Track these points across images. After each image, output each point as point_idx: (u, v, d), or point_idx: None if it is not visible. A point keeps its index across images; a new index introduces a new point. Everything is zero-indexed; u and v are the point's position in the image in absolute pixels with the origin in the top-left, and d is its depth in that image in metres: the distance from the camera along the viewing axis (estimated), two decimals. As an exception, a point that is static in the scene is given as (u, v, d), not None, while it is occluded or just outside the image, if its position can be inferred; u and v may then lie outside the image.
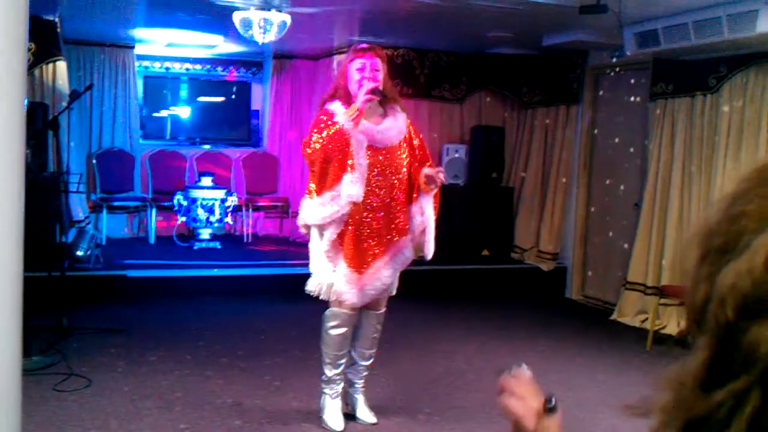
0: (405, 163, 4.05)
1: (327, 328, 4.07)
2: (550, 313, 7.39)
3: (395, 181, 4.01)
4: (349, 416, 4.27)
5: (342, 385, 4.21)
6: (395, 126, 4.02)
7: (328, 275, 3.98)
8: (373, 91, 3.86)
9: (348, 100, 3.93)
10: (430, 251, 4.16)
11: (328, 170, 3.89)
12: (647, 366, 5.60)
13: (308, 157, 3.95)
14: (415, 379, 5.13)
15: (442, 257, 8.27)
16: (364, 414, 4.28)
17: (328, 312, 4.07)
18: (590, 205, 8.17)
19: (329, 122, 3.90)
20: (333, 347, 4.09)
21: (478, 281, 8.09)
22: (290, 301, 6.53)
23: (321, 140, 3.87)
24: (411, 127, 4.14)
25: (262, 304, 6.99)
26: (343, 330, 4.06)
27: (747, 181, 0.63)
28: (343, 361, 4.15)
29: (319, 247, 4.01)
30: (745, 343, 0.56)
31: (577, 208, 8.23)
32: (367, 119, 3.94)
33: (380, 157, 3.95)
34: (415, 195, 4.11)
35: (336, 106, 3.94)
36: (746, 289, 0.57)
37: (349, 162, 3.85)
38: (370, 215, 3.97)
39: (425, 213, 4.11)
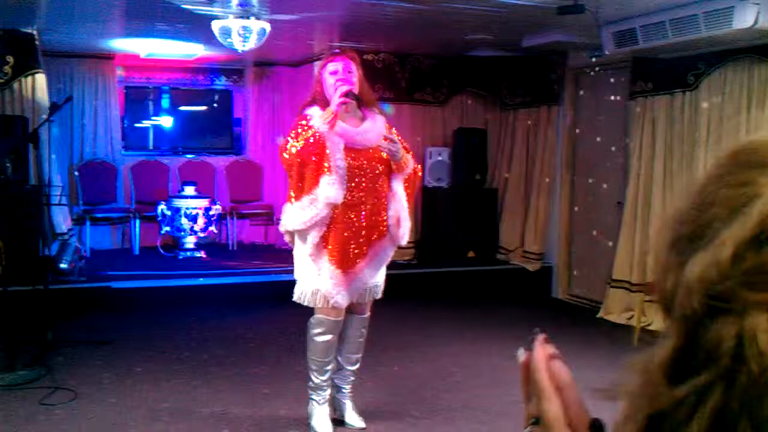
0: (386, 163, 4.05)
1: (312, 336, 4.06)
2: (537, 313, 7.40)
3: (377, 182, 4.02)
4: (338, 422, 4.26)
5: (329, 391, 4.21)
6: (374, 128, 4.03)
7: (313, 281, 3.98)
8: (347, 94, 3.87)
9: (326, 105, 3.93)
10: (403, 238, 4.11)
11: (305, 174, 3.89)
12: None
13: (285, 162, 3.94)
14: (402, 382, 5.12)
15: (428, 260, 8.34)
16: (353, 419, 4.29)
17: (313, 319, 4.07)
18: (574, 205, 8.20)
19: (306, 126, 3.90)
20: (319, 354, 4.08)
21: (464, 283, 8.10)
22: (277, 309, 6.51)
23: (297, 144, 3.87)
24: (393, 130, 4.14)
25: (248, 312, 6.96)
26: (328, 337, 4.06)
27: (720, 167, 0.61)
28: (330, 367, 4.15)
29: (302, 252, 4.00)
30: (709, 338, 0.56)
31: (561, 208, 8.26)
32: (346, 122, 3.96)
33: (361, 159, 3.96)
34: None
35: (313, 111, 3.95)
36: (712, 283, 0.56)
37: (327, 165, 3.86)
38: (353, 216, 3.97)
39: (397, 195, 4.06)
